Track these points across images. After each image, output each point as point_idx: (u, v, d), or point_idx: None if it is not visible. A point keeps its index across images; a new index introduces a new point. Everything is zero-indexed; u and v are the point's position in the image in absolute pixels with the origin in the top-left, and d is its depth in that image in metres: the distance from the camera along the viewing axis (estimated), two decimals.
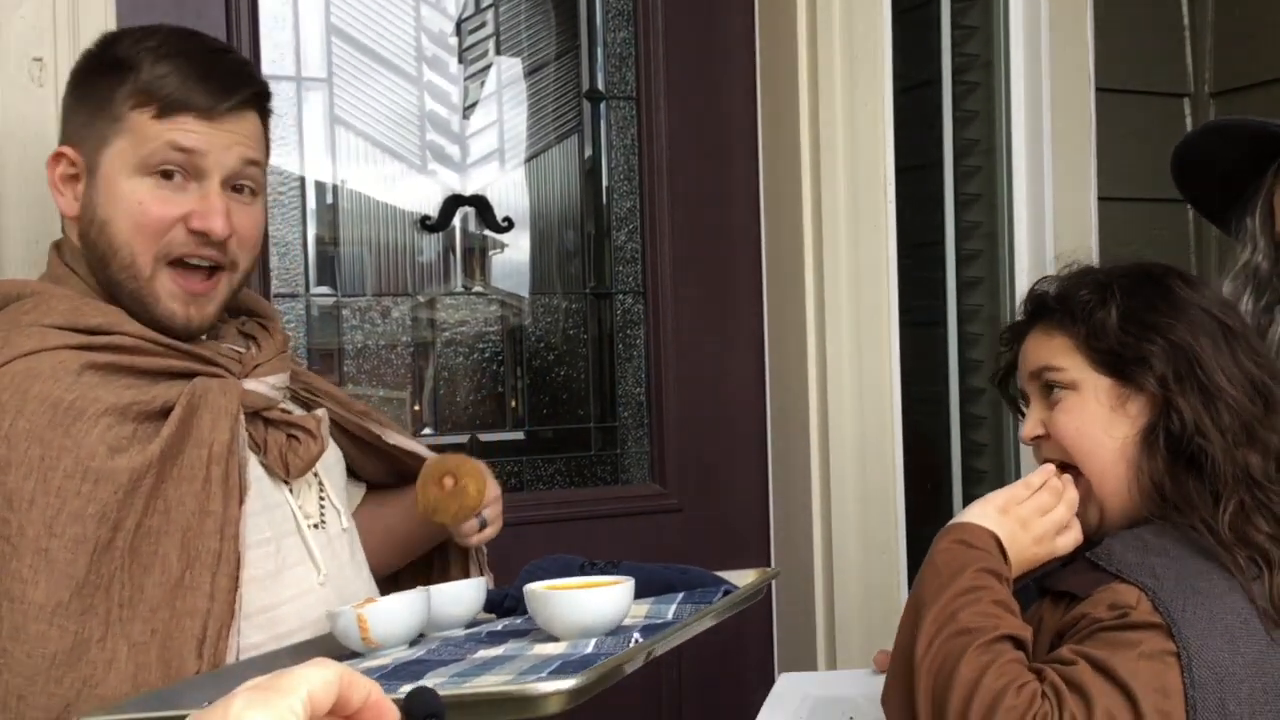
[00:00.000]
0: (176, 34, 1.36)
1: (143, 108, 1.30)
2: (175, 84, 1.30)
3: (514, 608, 1.41)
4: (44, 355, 1.24)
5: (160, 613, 1.21)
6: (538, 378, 2.26)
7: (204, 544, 1.24)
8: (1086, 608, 1.22)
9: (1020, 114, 2.41)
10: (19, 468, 1.19)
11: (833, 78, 2.19)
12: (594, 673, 1.01)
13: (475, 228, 2.21)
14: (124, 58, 1.32)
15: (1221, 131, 1.69)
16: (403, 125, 2.16)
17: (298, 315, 2.07)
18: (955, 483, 2.46)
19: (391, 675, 1.11)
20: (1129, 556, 1.24)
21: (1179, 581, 1.21)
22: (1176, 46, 2.52)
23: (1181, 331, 1.31)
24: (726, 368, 2.31)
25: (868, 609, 2.21)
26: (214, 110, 1.32)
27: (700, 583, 1.40)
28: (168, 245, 1.32)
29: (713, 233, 2.30)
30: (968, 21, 2.45)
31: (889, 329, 2.22)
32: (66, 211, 1.35)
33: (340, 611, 1.25)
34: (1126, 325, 1.32)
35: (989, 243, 2.47)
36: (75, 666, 1.16)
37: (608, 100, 2.28)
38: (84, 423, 1.22)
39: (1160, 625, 1.17)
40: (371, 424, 1.56)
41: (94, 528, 1.19)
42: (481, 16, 2.23)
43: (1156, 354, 1.30)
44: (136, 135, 1.30)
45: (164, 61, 1.31)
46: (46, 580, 1.16)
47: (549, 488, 2.25)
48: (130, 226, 1.31)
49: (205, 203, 1.32)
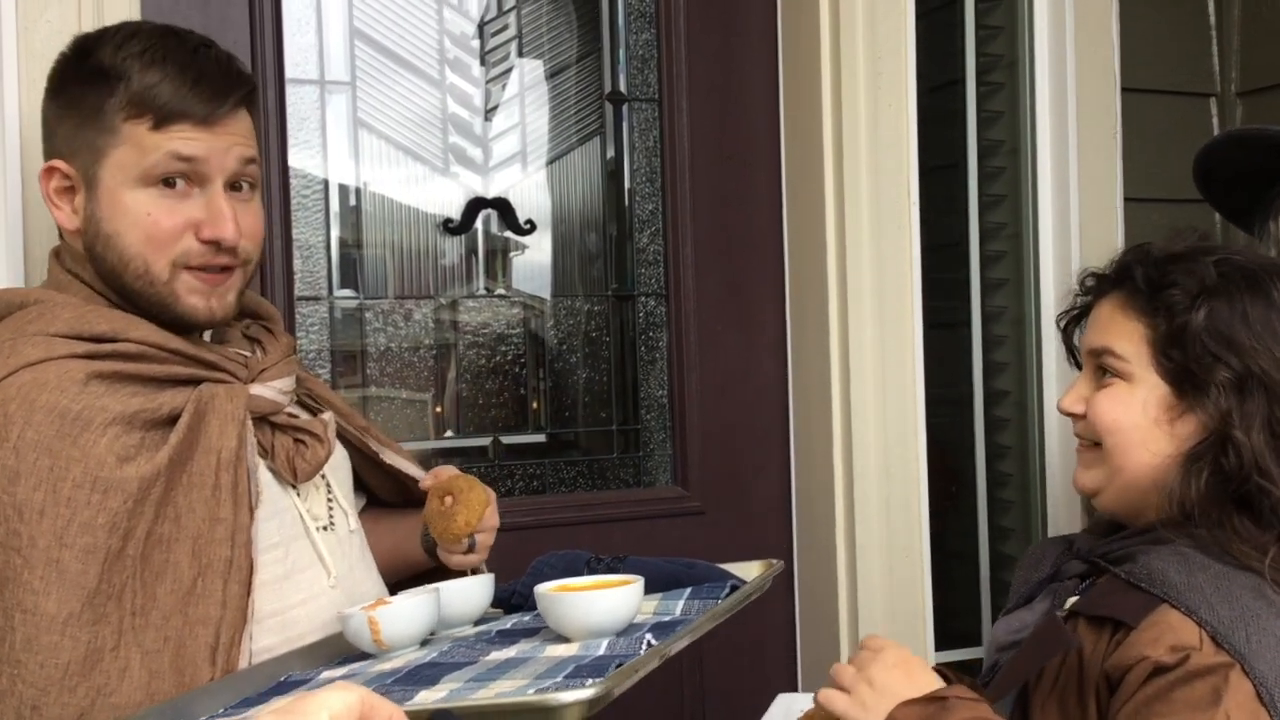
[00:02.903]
0: (158, 34, 1.34)
1: (138, 119, 1.30)
2: (169, 92, 1.29)
3: (521, 604, 1.41)
4: (50, 365, 1.25)
5: (173, 620, 1.22)
6: (560, 380, 2.26)
7: (215, 551, 1.25)
8: (1145, 648, 1.14)
9: (1045, 114, 2.39)
10: (28, 478, 1.19)
11: (856, 78, 2.18)
12: (611, 681, 1.01)
13: (497, 230, 2.21)
14: (109, 66, 1.30)
15: (1241, 141, 1.67)
16: (425, 128, 2.16)
17: (321, 318, 2.08)
18: (979, 485, 2.44)
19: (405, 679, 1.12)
20: (1172, 576, 1.17)
21: (1231, 605, 1.13)
22: (1203, 46, 2.50)
23: (1265, 360, 1.20)
24: (749, 370, 2.30)
25: (891, 611, 2.20)
26: (211, 116, 1.32)
27: (706, 577, 1.40)
28: (183, 255, 1.32)
29: (735, 234, 2.29)
30: (992, 21, 2.44)
31: (912, 330, 2.21)
32: (66, 225, 1.35)
33: (351, 614, 1.26)
34: (1207, 339, 1.22)
35: (1013, 244, 2.45)
36: (89, 676, 1.17)
37: (629, 102, 2.28)
38: (92, 432, 1.22)
39: (1229, 664, 1.10)
40: (370, 440, 1.56)
41: (105, 537, 1.19)
42: (503, 19, 2.23)
43: (1227, 382, 1.20)
44: (135, 146, 1.30)
45: (152, 69, 1.30)
46: (58, 591, 1.17)
47: (571, 490, 2.24)
48: (141, 238, 1.31)
49: (213, 210, 1.32)
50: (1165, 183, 2.42)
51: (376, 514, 1.61)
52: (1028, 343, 2.43)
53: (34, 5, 1.67)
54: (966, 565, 2.44)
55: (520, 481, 2.21)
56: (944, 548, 2.31)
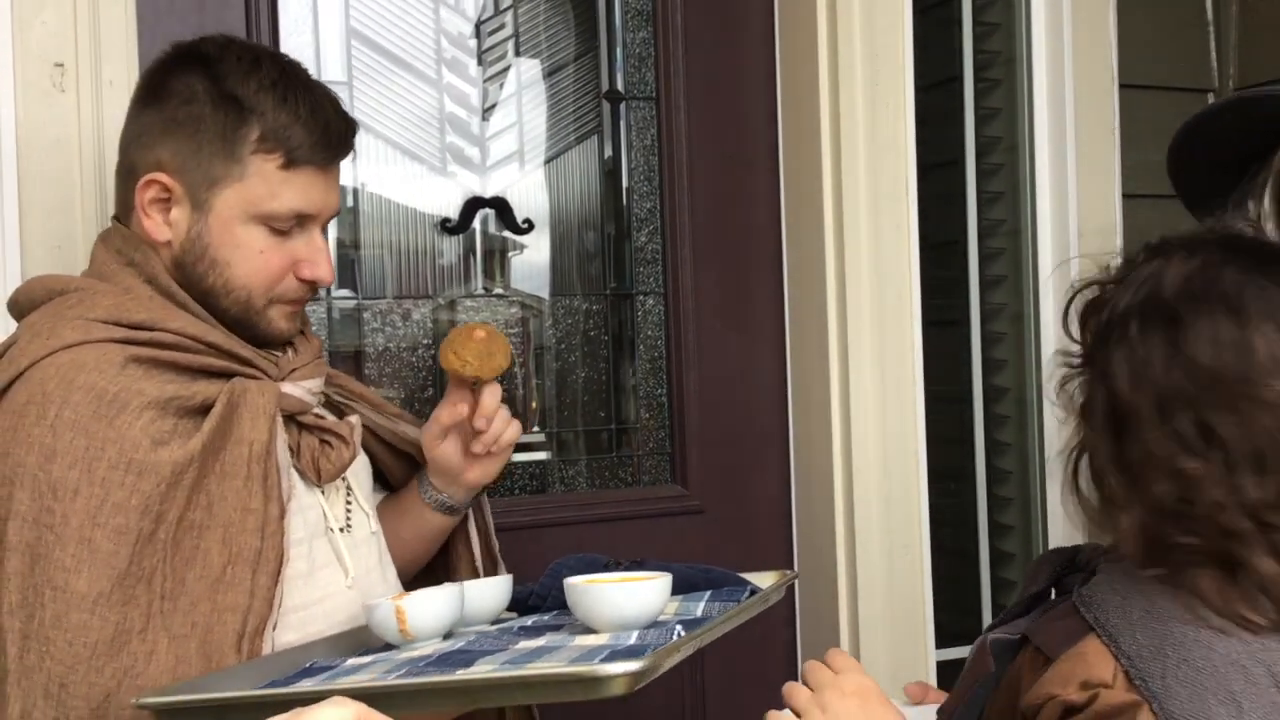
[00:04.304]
0: (279, 68, 1.37)
1: (268, 155, 1.33)
2: (301, 136, 1.33)
3: (538, 606, 1.41)
4: (88, 347, 1.26)
5: (201, 606, 1.23)
6: (558, 379, 2.26)
7: (245, 540, 1.26)
8: (1056, 685, 1.05)
9: (1043, 111, 2.39)
10: (64, 457, 1.20)
11: (853, 75, 2.17)
12: (657, 657, 1.01)
13: (495, 229, 2.21)
14: (243, 97, 1.33)
15: (1239, 107, 1.61)
16: (422, 127, 2.16)
17: (319, 318, 2.08)
18: (979, 482, 2.44)
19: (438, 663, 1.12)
20: (1109, 597, 1.08)
21: (1153, 631, 1.03)
22: (1200, 42, 2.50)
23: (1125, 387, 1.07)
24: (748, 368, 2.30)
25: (891, 610, 2.20)
26: (332, 164, 1.37)
27: (724, 582, 1.40)
28: (283, 292, 1.38)
29: (733, 232, 2.29)
30: (989, 18, 2.44)
31: (911, 328, 2.21)
32: (155, 236, 1.36)
33: (378, 603, 1.26)
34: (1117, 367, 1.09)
35: (1012, 241, 2.45)
36: (116, 656, 1.18)
37: (627, 101, 2.28)
38: (128, 415, 1.23)
39: (1138, 703, 1.00)
40: (406, 427, 1.57)
41: (137, 519, 1.20)
42: (500, 18, 2.23)
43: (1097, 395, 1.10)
44: (260, 183, 1.33)
45: (285, 107, 1.33)
46: (89, 570, 1.18)
47: (570, 489, 2.24)
48: (249, 272, 1.35)
49: (313, 251, 1.38)
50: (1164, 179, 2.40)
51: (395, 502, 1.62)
52: (1027, 339, 2.43)
53: (29, 7, 1.67)
54: (967, 563, 2.44)
55: (519, 481, 2.21)
56: (944, 545, 2.31)
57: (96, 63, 1.38)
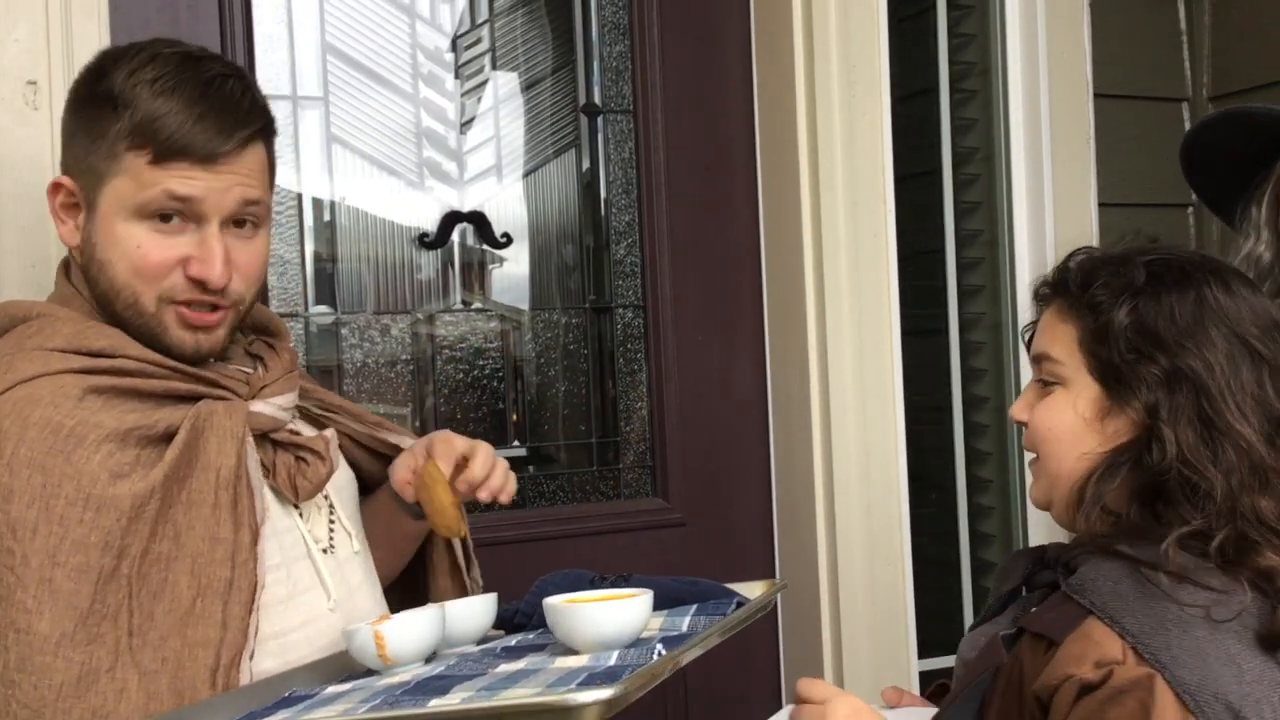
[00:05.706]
0: (175, 61, 1.31)
1: (139, 150, 1.27)
2: (173, 127, 1.26)
3: (524, 624, 1.40)
4: (44, 380, 1.23)
5: (171, 641, 1.20)
6: (539, 393, 2.25)
7: (215, 572, 1.23)
8: (1070, 666, 1.11)
9: (1019, 121, 2.41)
10: (22, 496, 1.18)
11: (830, 87, 2.18)
12: (631, 681, 1.00)
13: (474, 243, 2.21)
14: (119, 91, 1.28)
15: (1238, 119, 1.64)
16: (400, 142, 2.15)
17: (297, 334, 2.06)
18: (960, 492, 2.45)
19: (415, 690, 1.11)
20: (1101, 584, 1.15)
21: (1153, 610, 1.11)
22: (1174, 51, 2.52)
23: (1191, 357, 1.18)
24: (728, 380, 2.30)
25: (874, 620, 2.20)
26: (213, 155, 1.28)
27: (711, 595, 1.39)
28: (170, 290, 1.30)
29: (712, 244, 2.29)
30: (965, 29, 2.45)
31: (890, 338, 2.22)
32: (68, 240, 1.34)
33: (356, 629, 1.24)
34: (1134, 335, 1.20)
35: (989, 250, 2.46)
36: (84, 697, 1.15)
37: (605, 114, 2.28)
38: (85, 449, 1.20)
39: (1151, 674, 1.08)
40: (386, 434, 1.54)
41: (97, 556, 1.18)
42: (477, 32, 2.22)
43: (1152, 379, 1.19)
44: (133, 178, 1.27)
45: (161, 98, 1.27)
46: (51, 610, 1.15)
47: (551, 504, 2.23)
48: (129, 269, 1.29)
49: (203, 249, 1.29)
50: (1139, 187, 2.43)
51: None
52: (1005, 348, 2.44)
53: (1, 25, 1.66)
54: (948, 571, 2.44)
55: None
56: (925, 554, 2.32)
57: (69, 80, 1.37)
